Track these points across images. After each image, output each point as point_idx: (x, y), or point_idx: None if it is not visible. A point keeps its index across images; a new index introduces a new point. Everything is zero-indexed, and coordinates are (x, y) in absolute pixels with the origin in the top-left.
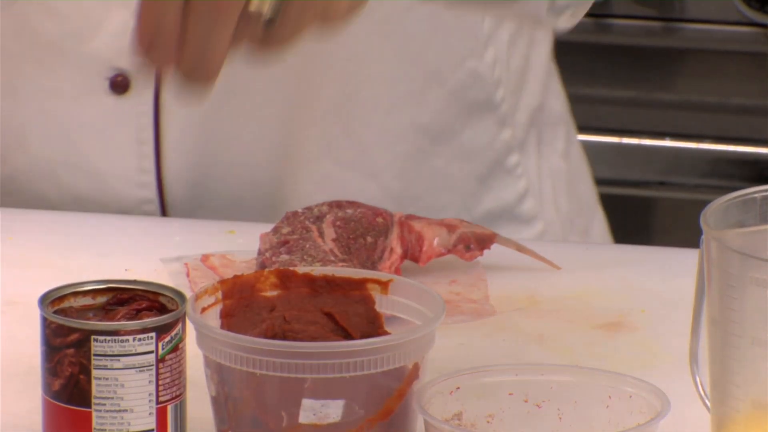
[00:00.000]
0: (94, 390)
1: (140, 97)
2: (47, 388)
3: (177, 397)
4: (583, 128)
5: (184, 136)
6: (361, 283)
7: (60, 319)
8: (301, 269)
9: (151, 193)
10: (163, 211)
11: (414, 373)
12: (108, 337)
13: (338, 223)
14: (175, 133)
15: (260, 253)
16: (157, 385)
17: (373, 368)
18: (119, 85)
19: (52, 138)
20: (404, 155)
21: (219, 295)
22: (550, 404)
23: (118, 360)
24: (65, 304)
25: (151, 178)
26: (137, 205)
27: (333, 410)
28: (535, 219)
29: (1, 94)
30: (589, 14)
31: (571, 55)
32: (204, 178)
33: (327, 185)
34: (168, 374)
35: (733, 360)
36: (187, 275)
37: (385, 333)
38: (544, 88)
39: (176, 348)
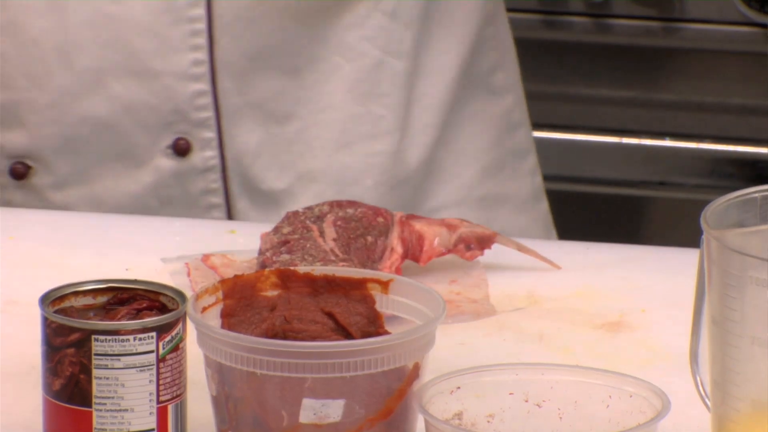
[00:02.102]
0: (95, 389)
1: None
2: (48, 387)
3: (177, 396)
4: (583, 128)
5: (237, 20)
6: (362, 283)
7: (61, 319)
8: (302, 269)
9: (206, 85)
10: (216, 102)
11: (414, 372)
12: (108, 337)
13: (339, 222)
14: (228, 17)
15: (261, 252)
16: (158, 385)
17: (374, 368)
18: None
19: (102, 45)
20: None
21: (219, 294)
22: (551, 404)
23: (119, 359)
24: (66, 304)
25: (205, 69)
26: (190, 99)
27: (333, 410)
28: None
29: (45, 11)
30: (589, 14)
31: (571, 55)
32: (254, 63)
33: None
34: (168, 374)
35: (734, 359)
36: (188, 275)
37: (386, 333)
38: None
39: (177, 348)
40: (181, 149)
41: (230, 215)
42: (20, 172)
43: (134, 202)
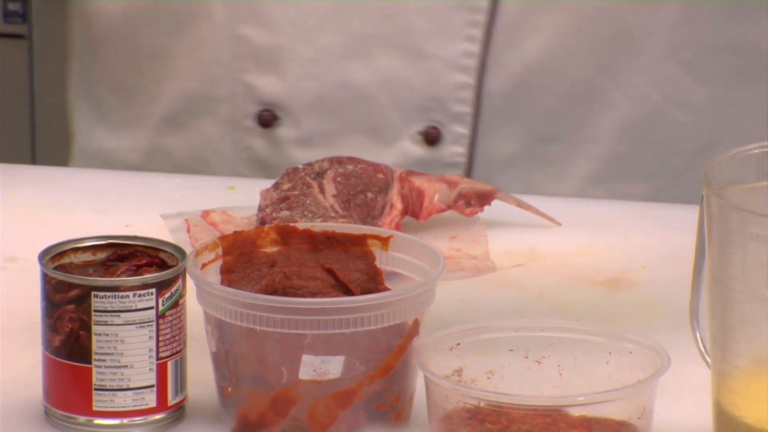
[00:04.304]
0: (95, 346)
1: None
2: (48, 344)
3: (177, 353)
4: None
5: (521, 22)
6: (362, 239)
7: (60, 275)
8: (302, 225)
9: (471, 78)
10: (478, 101)
11: (414, 329)
12: (108, 293)
13: (339, 179)
14: (511, 16)
15: (261, 209)
16: (158, 341)
17: (374, 324)
18: None
19: (377, 14)
20: None
21: (219, 251)
22: (550, 360)
23: (119, 316)
24: (66, 260)
25: (474, 63)
26: (453, 89)
27: (333, 366)
28: None
29: None
30: None
31: None
32: (530, 72)
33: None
34: (168, 330)
35: (734, 316)
36: (188, 231)
37: (386, 289)
38: None
39: (176, 304)
40: (431, 138)
41: None
42: (266, 120)
43: None
